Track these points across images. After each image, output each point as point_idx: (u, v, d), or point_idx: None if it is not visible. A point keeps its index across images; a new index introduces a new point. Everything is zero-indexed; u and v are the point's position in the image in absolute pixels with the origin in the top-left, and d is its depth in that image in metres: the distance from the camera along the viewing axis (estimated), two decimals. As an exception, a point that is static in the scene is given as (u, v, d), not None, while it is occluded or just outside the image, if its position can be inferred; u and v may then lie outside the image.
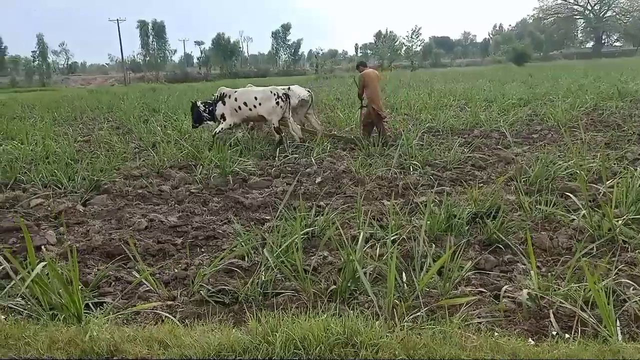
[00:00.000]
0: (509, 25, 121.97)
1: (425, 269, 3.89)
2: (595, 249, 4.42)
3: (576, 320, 3.19)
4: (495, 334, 2.93)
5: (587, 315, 3.22)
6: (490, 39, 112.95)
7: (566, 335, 2.99)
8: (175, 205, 6.64)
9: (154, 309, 3.61)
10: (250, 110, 10.18)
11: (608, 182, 5.87)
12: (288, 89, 10.42)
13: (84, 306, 3.46)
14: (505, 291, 3.66)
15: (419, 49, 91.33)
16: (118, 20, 77.98)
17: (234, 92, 10.37)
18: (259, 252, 4.57)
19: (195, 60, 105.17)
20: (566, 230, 4.98)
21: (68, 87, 61.71)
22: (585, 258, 3.90)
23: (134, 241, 4.88)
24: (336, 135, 10.85)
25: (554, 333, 3.04)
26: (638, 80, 19.60)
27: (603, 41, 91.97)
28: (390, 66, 64.88)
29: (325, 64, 58.88)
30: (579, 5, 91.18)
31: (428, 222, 4.80)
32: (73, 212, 6.30)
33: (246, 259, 4.58)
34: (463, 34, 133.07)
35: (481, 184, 6.72)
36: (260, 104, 10.09)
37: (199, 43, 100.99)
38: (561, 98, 14.99)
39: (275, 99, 10.00)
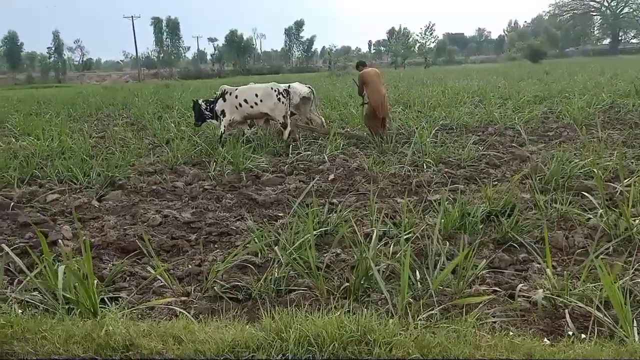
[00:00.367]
0: (525, 21, 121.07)
1: (439, 268, 3.87)
2: (612, 248, 4.36)
3: (592, 321, 3.16)
4: (510, 333, 2.90)
5: (603, 316, 3.18)
6: (505, 36, 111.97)
7: (582, 336, 2.95)
8: (189, 201, 6.68)
9: (168, 305, 3.63)
10: (252, 107, 10.17)
11: (625, 181, 5.79)
12: (288, 86, 10.40)
13: (99, 301, 3.50)
14: (520, 290, 3.63)
15: (432, 45, 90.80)
16: (132, 17, 78.63)
17: (235, 90, 10.41)
18: (272, 249, 4.58)
19: (208, 57, 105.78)
20: (582, 230, 4.92)
21: (83, 84, 62.43)
22: (601, 258, 3.85)
23: (149, 237, 4.91)
24: (341, 133, 10.78)
25: (570, 333, 3.01)
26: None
27: (620, 38, 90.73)
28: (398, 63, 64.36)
29: (339, 61, 58.80)
30: (595, 2, 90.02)
31: (442, 220, 4.77)
32: (88, 208, 6.38)
33: (259, 255, 4.60)
34: (477, 31, 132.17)
35: (495, 182, 6.67)
36: (261, 101, 10.08)
37: (212, 40, 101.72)
38: (577, 95, 14.80)
39: (277, 95, 10.00)
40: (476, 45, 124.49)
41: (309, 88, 10.82)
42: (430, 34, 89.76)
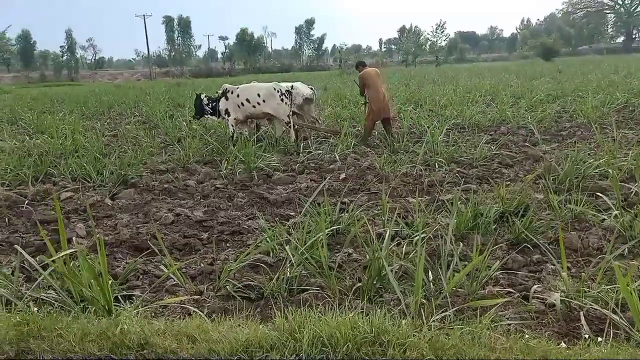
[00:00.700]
0: (537, 19, 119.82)
1: (452, 268, 3.85)
2: (627, 250, 4.31)
3: (608, 323, 3.12)
4: (526, 336, 2.88)
5: (619, 318, 3.14)
6: (517, 34, 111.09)
7: (599, 339, 2.92)
8: (201, 200, 6.70)
9: (181, 303, 3.65)
10: (254, 107, 10.15)
11: (641, 182, 5.72)
12: (291, 87, 10.41)
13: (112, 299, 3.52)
14: (534, 292, 3.60)
15: (444, 43, 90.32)
16: (144, 16, 79.00)
17: (237, 88, 10.41)
18: (284, 248, 4.58)
19: (219, 55, 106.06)
20: (597, 231, 4.87)
21: (95, 82, 62.89)
22: (616, 259, 3.81)
23: (161, 235, 4.94)
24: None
25: (586, 336, 2.97)
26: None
27: (634, 36, 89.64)
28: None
29: (349, 59, 58.65)
30: (609, 0, 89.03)
31: (455, 221, 4.74)
32: (101, 206, 6.42)
33: (271, 254, 4.60)
34: (489, 29, 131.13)
35: (508, 182, 6.62)
36: (264, 101, 10.05)
37: (223, 38, 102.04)
38: (591, 94, 14.64)
39: (280, 96, 9.99)
40: (488, 44, 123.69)
41: (311, 89, 10.93)
42: (442, 32, 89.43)
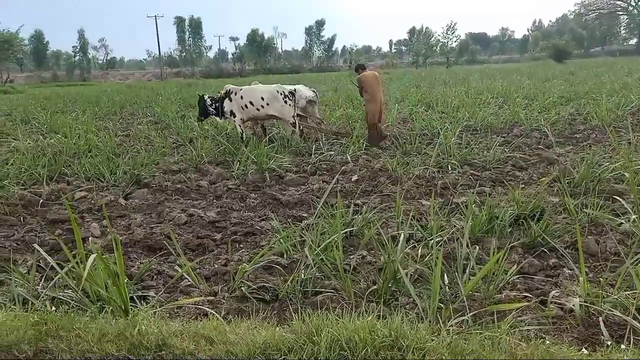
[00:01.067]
0: (549, 21, 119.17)
1: (468, 272, 3.82)
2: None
3: (628, 329, 3.08)
4: (547, 342, 2.84)
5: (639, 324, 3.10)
6: (529, 36, 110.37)
7: (621, 346, 2.87)
8: (214, 200, 6.71)
9: (196, 304, 3.65)
10: (258, 110, 10.17)
11: (658, 186, 5.64)
12: (294, 89, 10.43)
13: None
14: (552, 297, 3.56)
15: (454, 45, 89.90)
16: (156, 16, 79.40)
17: (240, 90, 10.43)
18: (297, 250, 4.57)
19: (230, 56, 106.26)
20: (614, 235, 4.81)
21: (107, 82, 63.33)
22: (635, 264, 3.75)
23: (175, 236, 4.95)
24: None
25: (608, 343, 2.93)
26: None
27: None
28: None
29: (359, 60, 58.62)
30: (622, 1, 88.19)
31: (470, 224, 4.71)
32: (115, 206, 6.45)
33: (285, 256, 4.59)
34: (501, 30, 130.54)
35: (523, 185, 6.56)
36: (268, 104, 10.07)
37: (233, 39, 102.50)
38: (605, 97, 14.49)
39: (283, 98, 10.00)
40: (499, 45, 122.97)
41: (313, 91, 11.03)
42: (452, 33, 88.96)
